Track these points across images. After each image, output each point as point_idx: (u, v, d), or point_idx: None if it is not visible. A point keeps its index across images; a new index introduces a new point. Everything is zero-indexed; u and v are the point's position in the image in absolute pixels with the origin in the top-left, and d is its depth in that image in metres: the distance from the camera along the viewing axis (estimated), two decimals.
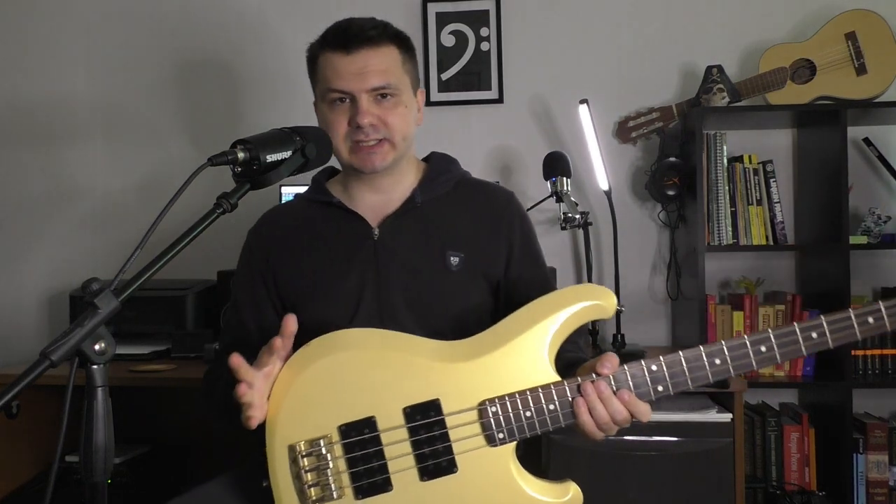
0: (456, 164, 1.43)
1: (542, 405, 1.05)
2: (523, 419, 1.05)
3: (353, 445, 1.06)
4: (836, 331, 1.08)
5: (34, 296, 2.69)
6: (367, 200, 1.35)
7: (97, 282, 0.83)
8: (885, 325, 1.09)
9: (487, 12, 2.53)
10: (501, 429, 1.05)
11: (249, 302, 1.35)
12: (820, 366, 2.28)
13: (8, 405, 0.75)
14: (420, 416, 1.06)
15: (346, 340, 1.13)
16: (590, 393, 1.04)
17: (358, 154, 1.28)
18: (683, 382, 1.06)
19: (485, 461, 1.05)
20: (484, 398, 1.06)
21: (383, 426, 1.06)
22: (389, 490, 1.05)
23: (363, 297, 1.27)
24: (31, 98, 2.69)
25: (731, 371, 1.06)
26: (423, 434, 1.06)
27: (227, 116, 2.63)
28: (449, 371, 1.08)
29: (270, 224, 1.40)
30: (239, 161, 0.99)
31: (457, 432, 1.06)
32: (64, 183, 2.68)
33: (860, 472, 2.18)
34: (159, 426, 2.30)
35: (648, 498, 1.73)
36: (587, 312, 1.09)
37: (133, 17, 2.66)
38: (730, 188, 2.33)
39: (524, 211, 1.41)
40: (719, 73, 2.29)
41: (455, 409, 1.06)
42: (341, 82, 1.25)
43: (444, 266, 1.28)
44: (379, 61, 1.26)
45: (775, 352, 1.07)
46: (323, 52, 1.28)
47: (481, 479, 1.05)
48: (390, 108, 1.28)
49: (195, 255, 1.87)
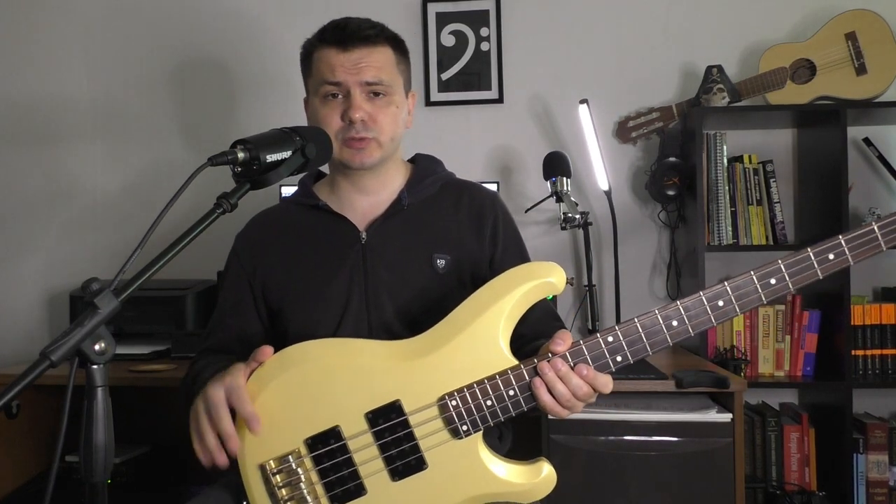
0: (441, 165, 1.44)
1: (502, 392, 1.05)
2: (485, 408, 1.05)
3: (322, 457, 1.07)
4: (795, 273, 1.04)
5: (34, 296, 2.69)
6: (355, 203, 1.35)
7: (97, 282, 0.83)
8: (847, 260, 1.03)
9: (487, 12, 2.53)
10: (465, 421, 1.06)
11: (233, 307, 1.36)
12: (820, 366, 2.28)
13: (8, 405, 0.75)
14: (382, 419, 1.07)
15: (302, 354, 1.12)
16: (546, 372, 1.04)
17: (349, 149, 1.29)
18: (642, 349, 1.05)
19: (454, 454, 1.07)
20: (443, 392, 1.06)
21: (349, 433, 1.07)
22: (364, 494, 1.06)
23: (351, 300, 1.28)
24: (32, 98, 2.69)
25: (690, 331, 1.04)
26: (388, 437, 1.07)
27: (228, 116, 2.63)
28: (407, 370, 1.08)
29: (257, 228, 1.41)
30: (239, 161, 0.99)
31: (421, 430, 1.07)
32: (64, 183, 2.68)
33: (860, 472, 2.18)
34: (159, 426, 2.30)
35: (648, 498, 1.73)
36: (537, 291, 1.08)
37: (133, 18, 2.66)
38: (730, 188, 2.33)
39: (507, 210, 1.42)
40: (719, 73, 2.29)
41: (416, 407, 1.07)
42: (336, 75, 1.27)
43: (430, 268, 1.29)
44: (374, 59, 1.28)
45: (734, 304, 1.04)
46: (319, 47, 1.30)
47: (452, 471, 1.07)
48: (381, 107, 1.29)
49: (195, 255, 1.86)
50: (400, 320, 1.27)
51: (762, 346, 2.32)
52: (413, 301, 1.27)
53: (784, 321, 2.31)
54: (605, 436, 1.75)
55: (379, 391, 1.07)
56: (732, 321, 2.32)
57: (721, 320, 1.05)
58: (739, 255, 2.45)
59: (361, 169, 1.31)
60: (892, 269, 2.43)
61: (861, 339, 2.26)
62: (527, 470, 1.09)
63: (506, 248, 1.36)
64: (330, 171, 1.41)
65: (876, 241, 1.03)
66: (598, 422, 1.75)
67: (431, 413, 1.06)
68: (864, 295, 2.41)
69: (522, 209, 2.42)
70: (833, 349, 2.24)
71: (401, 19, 2.54)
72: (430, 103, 2.55)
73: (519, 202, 2.48)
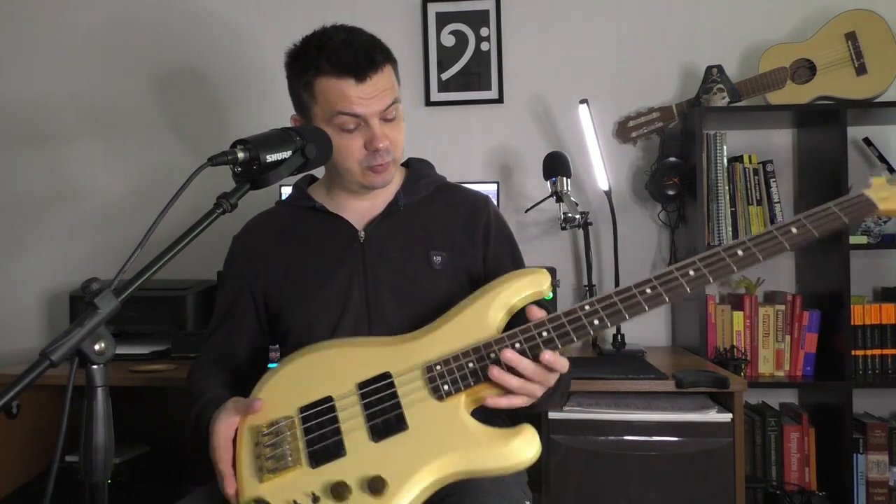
0: (433, 168, 1.47)
1: (483, 353, 1.10)
2: (466, 369, 1.09)
3: (311, 421, 1.10)
4: (764, 249, 1.10)
5: (34, 296, 2.69)
6: (351, 205, 1.38)
7: (97, 282, 0.83)
8: (812, 234, 1.11)
9: (487, 12, 2.53)
10: (445, 380, 1.09)
11: (237, 311, 1.38)
12: (820, 366, 2.28)
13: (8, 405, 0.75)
14: (372, 387, 1.11)
15: (303, 350, 1.19)
16: (504, 363, 1.07)
17: (377, 174, 1.31)
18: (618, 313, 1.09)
19: (435, 414, 1.08)
20: (430, 362, 1.11)
21: (339, 402, 1.11)
22: (343, 455, 1.06)
23: (350, 297, 1.30)
24: (32, 98, 2.69)
25: (665, 299, 1.10)
26: (373, 398, 1.10)
27: (228, 117, 2.63)
28: (399, 349, 1.15)
29: (255, 232, 1.43)
30: (239, 161, 0.99)
31: (404, 391, 1.10)
32: (64, 183, 2.68)
33: (860, 472, 2.18)
34: (159, 426, 2.30)
35: (648, 498, 1.73)
36: (527, 285, 1.16)
37: (133, 19, 2.66)
38: (730, 188, 2.33)
39: (499, 212, 1.45)
40: (719, 73, 2.29)
41: (404, 374, 1.12)
42: (354, 107, 1.24)
43: (428, 265, 1.32)
44: (384, 84, 1.27)
45: (704, 272, 1.10)
46: (325, 77, 1.25)
47: (432, 431, 1.07)
48: (394, 126, 1.31)
49: (195, 255, 1.87)
50: (400, 316, 1.28)
51: (762, 346, 2.32)
52: (412, 297, 1.29)
53: (784, 321, 2.31)
54: (605, 436, 1.75)
55: (373, 367, 1.13)
56: (732, 321, 2.32)
57: (696, 288, 1.11)
58: None
59: (383, 187, 1.35)
60: (893, 269, 2.43)
61: (861, 339, 2.26)
62: (508, 432, 1.07)
63: (497, 247, 1.38)
64: (325, 176, 1.42)
65: (835, 216, 1.13)
66: (598, 422, 1.76)
67: (416, 376, 1.11)
68: (864, 295, 2.41)
69: (522, 209, 2.42)
70: (833, 349, 2.24)
71: (401, 19, 2.54)
72: (430, 103, 2.55)
73: (519, 202, 2.48)
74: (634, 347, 2.20)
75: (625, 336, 2.21)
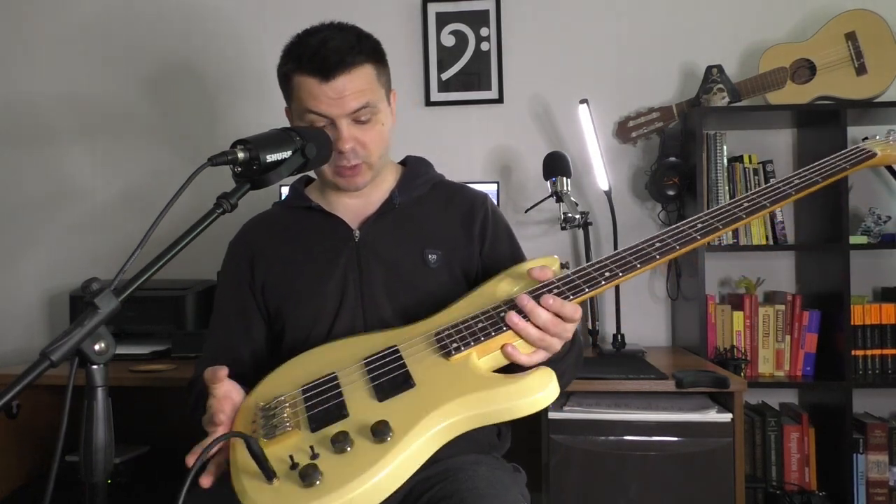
0: (432, 167, 1.46)
1: (492, 312, 1.11)
2: (475, 327, 1.09)
3: (312, 391, 1.09)
4: (770, 197, 1.25)
5: (34, 296, 2.69)
6: (346, 204, 1.38)
7: (97, 282, 0.83)
8: (815, 180, 1.28)
9: (487, 12, 2.53)
10: (454, 339, 1.09)
11: (237, 311, 1.38)
12: (820, 366, 2.28)
13: (8, 405, 0.75)
14: (378, 360, 1.11)
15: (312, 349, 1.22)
16: (519, 312, 1.08)
17: (342, 176, 1.31)
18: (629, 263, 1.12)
19: (442, 370, 1.05)
20: (440, 328, 1.12)
21: (343, 376, 1.10)
22: (346, 416, 1.01)
23: (346, 295, 1.30)
24: (31, 98, 2.69)
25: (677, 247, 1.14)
26: (378, 365, 1.10)
27: (228, 117, 2.63)
28: (405, 330, 1.18)
29: (252, 232, 1.43)
30: (239, 161, 0.99)
31: (410, 353, 1.10)
32: (64, 183, 2.68)
33: (860, 472, 2.18)
34: (159, 426, 2.30)
35: (648, 498, 1.73)
36: (535, 264, 1.18)
37: (132, 19, 2.67)
38: (730, 188, 2.33)
39: (497, 209, 1.45)
40: (719, 73, 2.29)
41: (412, 345, 1.12)
42: (321, 106, 1.24)
43: (423, 263, 1.32)
44: (356, 84, 1.24)
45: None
46: (298, 74, 1.24)
47: (441, 383, 1.03)
48: (368, 129, 1.28)
49: (195, 255, 1.87)
50: (394, 313, 1.28)
51: (762, 345, 2.32)
52: (407, 295, 1.29)
53: (784, 321, 2.31)
54: (605, 436, 1.75)
55: (380, 345, 1.14)
56: (732, 321, 2.32)
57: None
58: (739, 255, 2.45)
59: (356, 191, 1.34)
60: (893, 269, 2.43)
61: (861, 339, 2.26)
62: (521, 374, 1.03)
63: (494, 241, 1.38)
64: (320, 176, 1.42)
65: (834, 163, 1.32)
66: (598, 422, 1.76)
67: (424, 344, 1.11)
68: (864, 295, 2.41)
69: (522, 209, 2.42)
70: (833, 349, 2.24)
71: (401, 19, 2.54)
72: (430, 103, 2.55)
73: (519, 202, 2.49)
74: (634, 347, 2.20)
75: (625, 336, 2.21)
